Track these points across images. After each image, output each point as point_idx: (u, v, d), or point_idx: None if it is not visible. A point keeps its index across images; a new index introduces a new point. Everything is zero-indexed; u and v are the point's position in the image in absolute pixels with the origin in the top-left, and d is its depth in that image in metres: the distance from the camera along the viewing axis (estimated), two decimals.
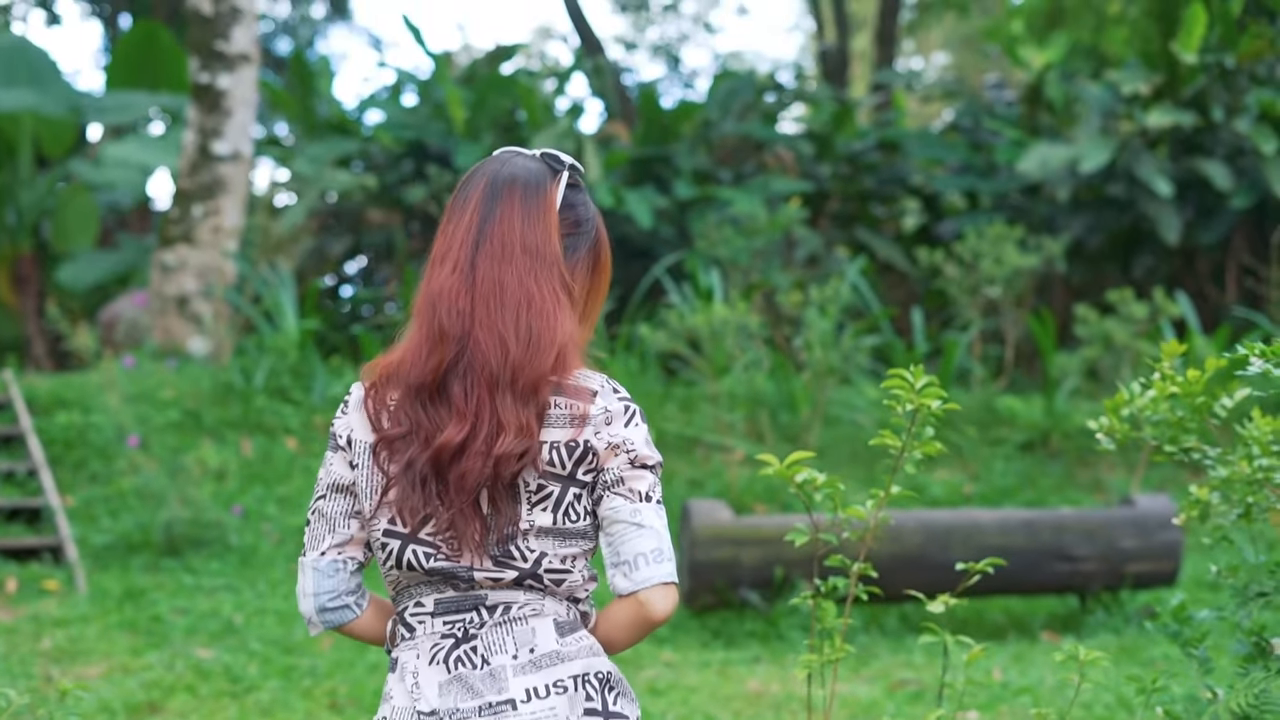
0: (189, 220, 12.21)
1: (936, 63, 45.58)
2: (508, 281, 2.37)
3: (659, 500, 2.42)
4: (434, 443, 2.33)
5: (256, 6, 12.57)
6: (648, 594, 2.37)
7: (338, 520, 2.45)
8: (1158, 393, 3.72)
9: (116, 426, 9.33)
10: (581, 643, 2.39)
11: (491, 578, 2.35)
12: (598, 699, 2.36)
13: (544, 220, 2.42)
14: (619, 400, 2.39)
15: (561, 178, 2.47)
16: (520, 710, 2.32)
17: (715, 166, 14.82)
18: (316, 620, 2.48)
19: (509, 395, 2.32)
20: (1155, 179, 12.53)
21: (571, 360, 2.38)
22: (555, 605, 2.39)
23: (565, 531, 2.37)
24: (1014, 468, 10.15)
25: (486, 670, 2.35)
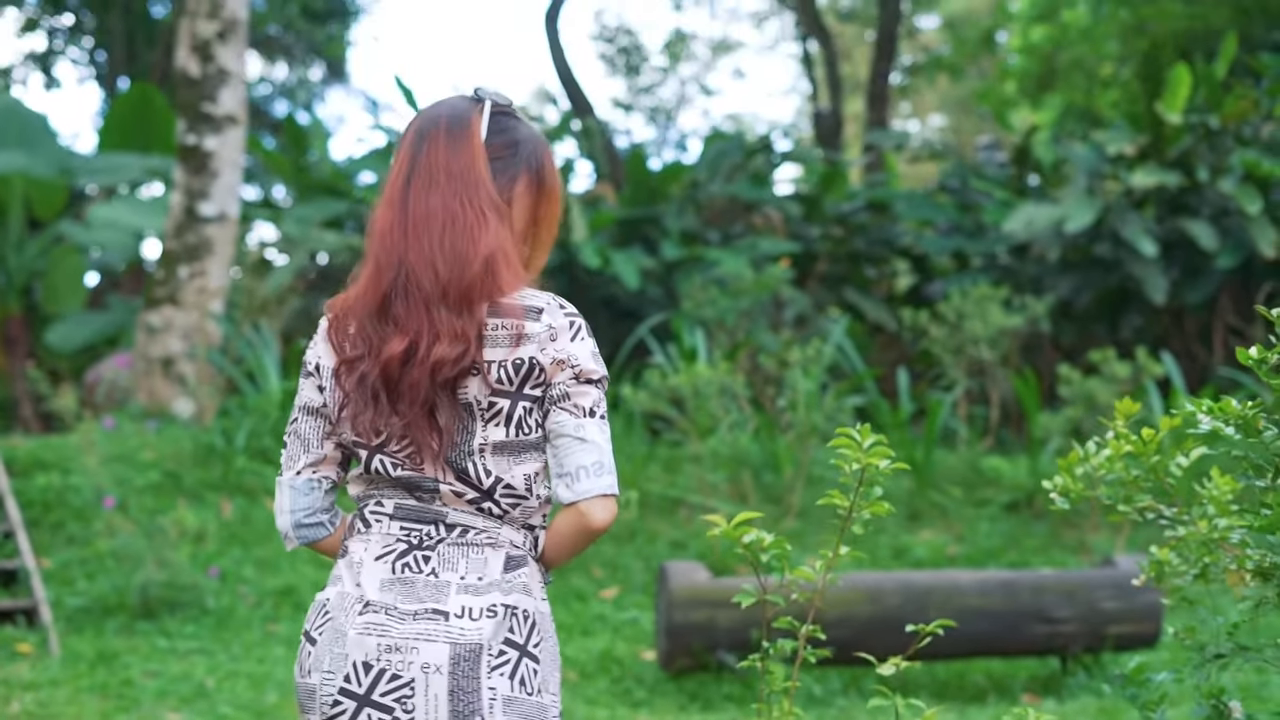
0: (175, 281, 12.21)
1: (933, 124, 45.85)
2: (434, 206, 2.54)
3: (603, 415, 2.55)
4: (381, 358, 2.50)
5: (244, 69, 12.61)
6: (588, 504, 2.51)
7: (312, 441, 2.63)
8: (1113, 451, 3.70)
9: (95, 488, 9.29)
10: (520, 579, 2.52)
11: (455, 491, 2.51)
12: (520, 634, 2.49)
13: (468, 146, 2.58)
14: (565, 316, 2.54)
15: (485, 106, 2.64)
16: (450, 622, 2.45)
17: (703, 227, 14.85)
18: (292, 535, 2.66)
19: (442, 308, 2.48)
20: (1140, 239, 12.54)
21: (501, 271, 2.53)
22: (511, 533, 2.54)
23: (519, 445, 2.51)
24: (999, 528, 10.10)
25: (433, 580, 2.49)
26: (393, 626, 2.47)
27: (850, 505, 3.42)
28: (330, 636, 2.51)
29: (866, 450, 3.37)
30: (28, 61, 29.43)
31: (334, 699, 2.49)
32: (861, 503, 3.42)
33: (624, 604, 8.80)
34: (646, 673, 7.68)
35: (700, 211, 15.09)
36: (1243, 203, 12.47)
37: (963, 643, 7.55)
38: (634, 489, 10.00)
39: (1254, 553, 3.47)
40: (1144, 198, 13.53)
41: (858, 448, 3.37)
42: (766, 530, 3.47)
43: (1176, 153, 13.44)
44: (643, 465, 10.33)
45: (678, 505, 10.24)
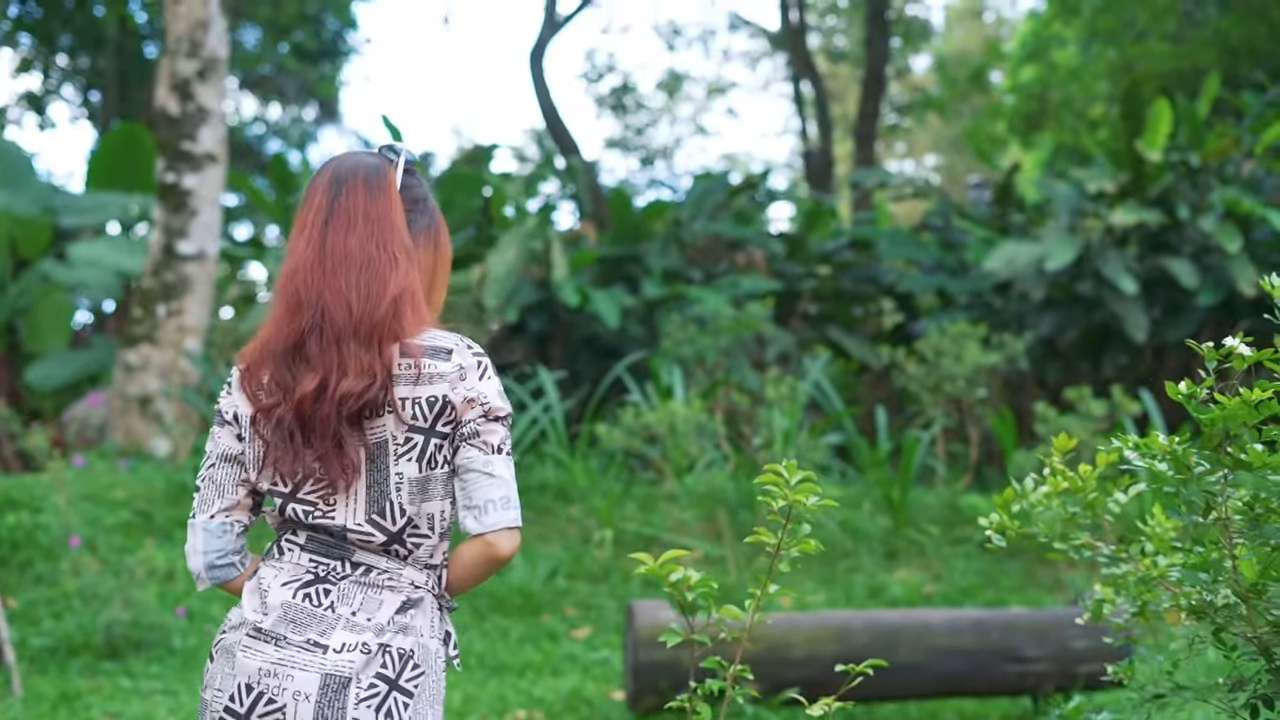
0: (153, 320, 12.18)
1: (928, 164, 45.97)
2: (352, 247, 2.70)
3: (508, 452, 2.72)
4: (295, 397, 2.65)
5: (224, 108, 12.61)
6: (495, 536, 2.69)
7: (226, 486, 2.76)
8: (1050, 489, 3.66)
9: (64, 527, 9.23)
10: (401, 622, 2.67)
11: (362, 538, 2.68)
12: (393, 669, 2.63)
13: (386, 195, 2.76)
14: (473, 356, 2.71)
15: (399, 163, 2.82)
16: (327, 655, 2.61)
17: (686, 266, 14.85)
18: (205, 576, 2.80)
19: (352, 343, 2.64)
20: (1121, 277, 12.52)
21: (407, 312, 2.70)
22: (414, 574, 2.72)
23: (429, 481, 2.68)
24: (975, 567, 10.04)
25: (326, 614, 2.67)
26: (274, 653, 2.63)
27: (778, 543, 3.37)
28: (224, 658, 2.69)
29: (794, 487, 3.32)
30: (21, 101, 29.52)
31: (220, 716, 2.66)
32: (789, 540, 3.37)
33: (595, 644, 8.74)
34: (614, 713, 7.61)
35: (683, 250, 15.08)
36: (1223, 241, 12.45)
37: (933, 682, 7.50)
38: (609, 528, 9.96)
39: (1189, 590, 3.43)
40: (1125, 235, 13.52)
41: (784, 484, 3.33)
42: (739, 568, 3.43)
43: (1157, 191, 13.43)
44: (617, 503, 10.29)
45: (652, 544, 10.18)
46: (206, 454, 2.81)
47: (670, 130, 33.95)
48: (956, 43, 40.62)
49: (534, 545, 10.04)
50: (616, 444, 10.22)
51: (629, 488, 10.61)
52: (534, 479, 10.78)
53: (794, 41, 25.28)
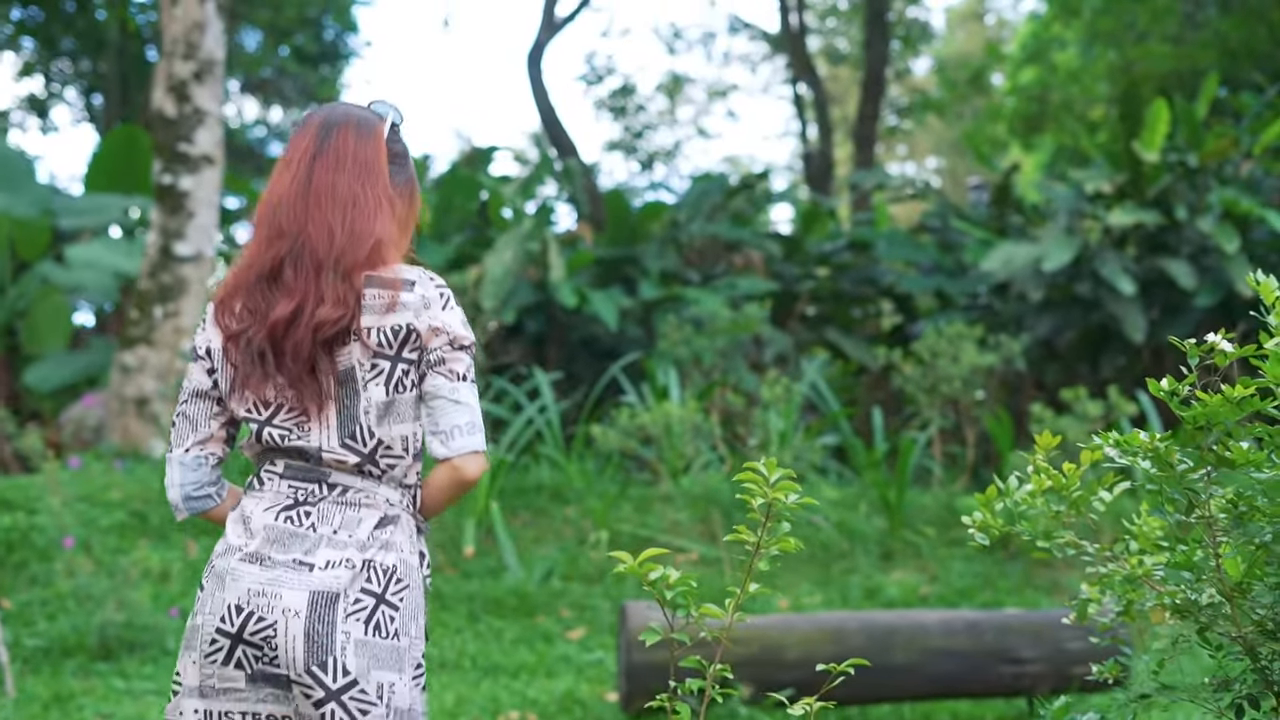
0: (149, 321, 12.17)
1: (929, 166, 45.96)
2: (339, 185, 2.82)
3: (473, 380, 2.84)
4: (268, 321, 2.76)
5: (221, 110, 12.61)
6: (461, 460, 2.82)
7: (200, 420, 2.88)
8: (1035, 486, 3.64)
9: (59, 528, 9.22)
10: (381, 538, 2.78)
11: (337, 459, 2.79)
12: (378, 584, 2.75)
13: (375, 143, 2.88)
14: (435, 288, 2.82)
15: (388, 118, 2.94)
16: (313, 573, 2.72)
17: (683, 267, 14.83)
18: (182, 507, 2.92)
19: (331, 274, 2.75)
20: (1119, 278, 12.51)
21: (387, 254, 2.83)
22: (388, 491, 2.83)
23: (396, 405, 2.79)
24: (972, 569, 10.02)
25: (309, 534, 2.77)
26: (262, 574, 2.74)
27: (757, 541, 3.34)
28: (214, 583, 2.78)
29: (773, 485, 3.29)
30: (23, 105, 29.54)
31: (211, 637, 2.75)
32: (768, 539, 3.34)
33: (590, 645, 8.72)
34: (608, 714, 7.59)
35: (681, 251, 15.07)
36: (1221, 241, 12.43)
37: (928, 684, 7.48)
38: (604, 529, 9.94)
39: (1173, 589, 3.41)
40: (1124, 236, 13.50)
41: (764, 482, 3.30)
42: (735, 570, 3.43)
43: (1155, 191, 13.42)
44: (613, 505, 10.27)
45: (648, 545, 10.13)
46: (181, 390, 2.92)
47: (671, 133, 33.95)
48: (958, 45, 40.61)
49: (529, 547, 10.02)
50: (611, 445, 10.20)
51: (625, 489, 10.60)
52: (529, 480, 10.76)
53: (794, 44, 25.27)
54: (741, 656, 6.93)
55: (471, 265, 13.44)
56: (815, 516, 10.40)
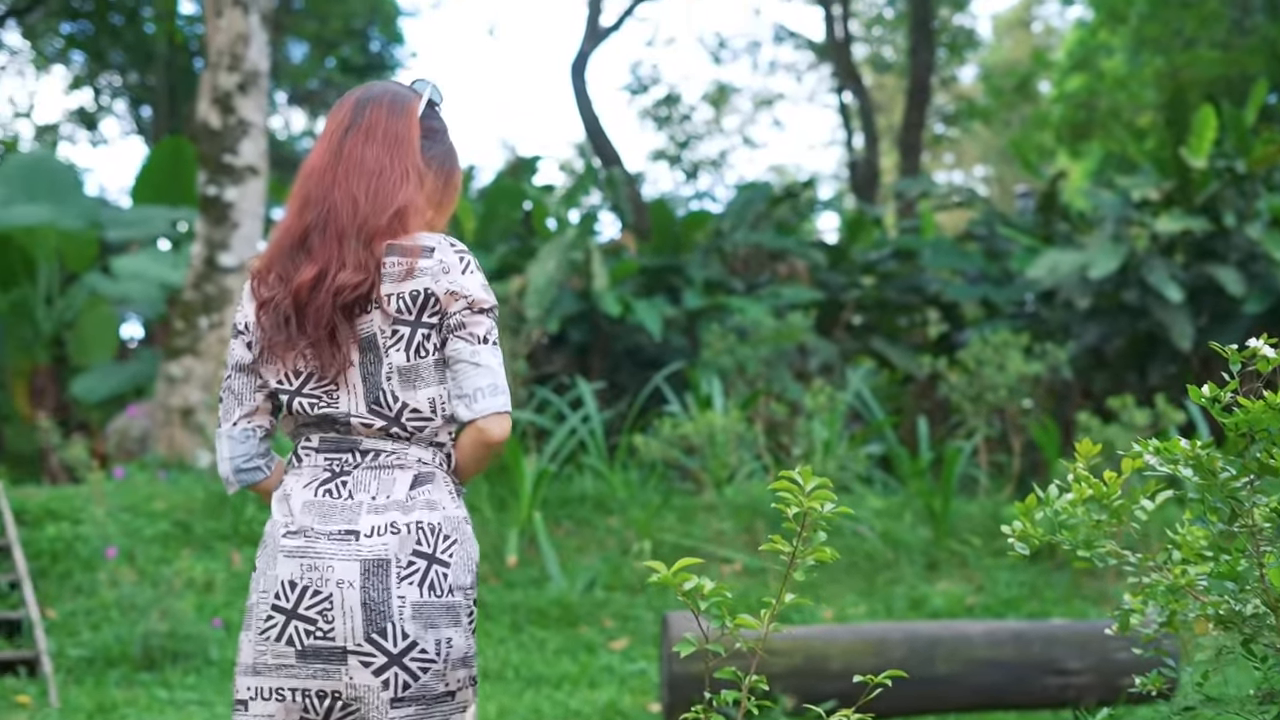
0: (195, 331, 12.23)
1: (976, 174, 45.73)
2: (367, 156, 2.87)
3: (494, 342, 2.87)
4: (293, 285, 2.81)
5: (265, 121, 12.65)
6: (485, 422, 2.84)
7: (244, 394, 2.93)
8: (1075, 495, 3.59)
9: (103, 539, 9.26)
10: (422, 497, 2.82)
11: (364, 423, 2.83)
12: (428, 544, 2.79)
13: (407, 117, 2.94)
14: (455, 252, 2.85)
15: (424, 95, 3.01)
16: (361, 541, 2.77)
17: (728, 276, 14.79)
18: (233, 480, 2.97)
19: (353, 241, 2.81)
20: (1166, 285, 12.40)
21: (410, 223, 2.87)
22: (419, 451, 2.86)
23: (418, 369, 2.82)
24: (1019, 578, 9.94)
25: (348, 503, 2.80)
26: (311, 547, 2.78)
27: (793, 552, 3.30)
28: (265, 561, 2.83)
29: (809, 493, 3.24)
30: (74, 118, 29.80)
31: (267, 614, 2.80)
32: (804, 549, 3.29)
33: (633, 655, 8.69)
34: None
35: (725, 260, 15.03)
36: (1270, 248, 12.31)
37: (972, 695, 7.40)
38: (647, 539, 9.91)
39: (1216, 600, 3.35)
40: (1171, 243, 13.38)
41: (799, 491, 3.25)
42: (777, 580, 3.39)
43: (1203, 198, 13.29)
44: (656, 514, 10.24)
45: (691, 555, 10.12)
46: (226, 368, 2.97)
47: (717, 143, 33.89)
48: (1004, 53, 40.41)
49: (572, 557, 10.01)
50: (654, 455, 10.17)
51: (668, 499, 10.56)
52: (573, 490, 10.74)
53: (839, 53, 25.22)
54: (784, 667, 6.88)
55: (515, 275, 13.43)
56: (860, 526, 10.35)
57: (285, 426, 2.94)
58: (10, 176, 16.21)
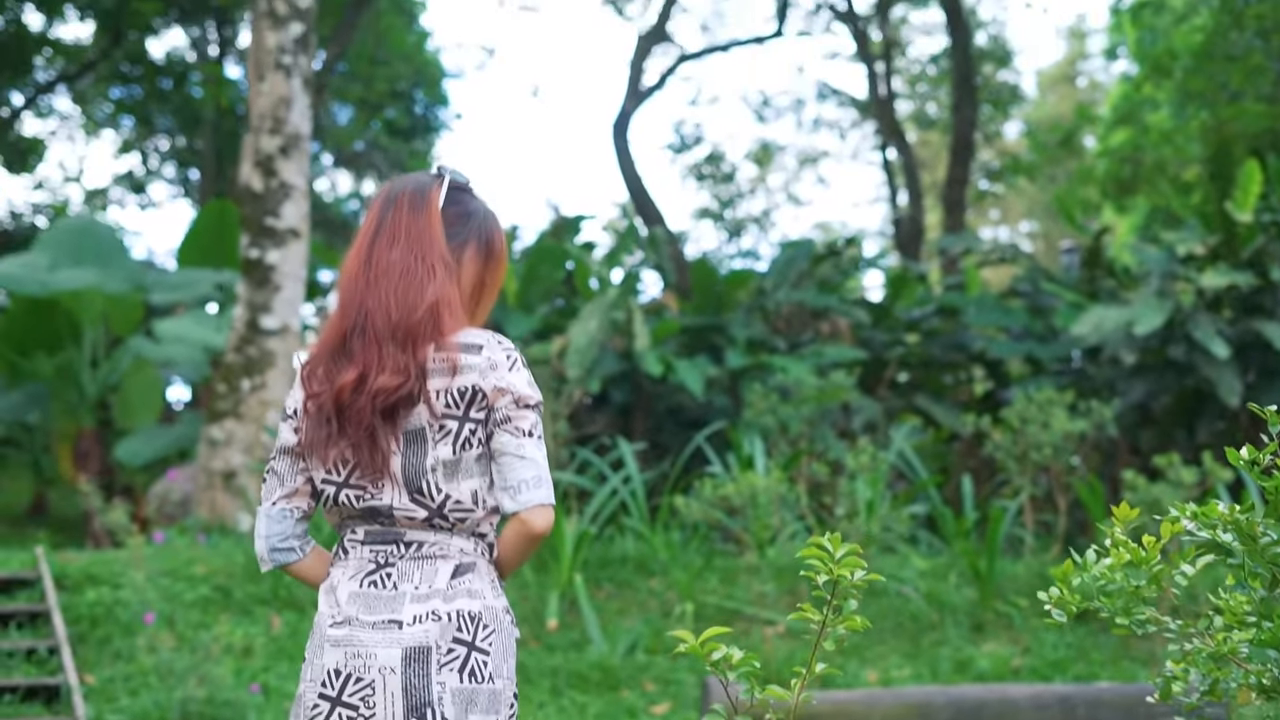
0: (237, 395, 12.25)
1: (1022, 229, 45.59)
2: (394, 260, 2.97)
3: (539, 436, 2.95)
4: (335, 387, 2.92)
5: (306, 183, 12.71)
6: (528, 513, 2.92)
7: (286, 476, 3.02)
8: (1113, 561, 3.51)
9: (142, 603, 9.24)
10: (463, 586, 2.91)
11: (408, 515, 2.91)
12: (467, 632, 2.87)
13: (427, 213, 3.02)
14: (502, 350, 2.96)
15: (444, 181, 3.08)
16: (403, 629, 2.86)
17: (771, 335, 14.73)
18: (267, 558, 3.03)
19: (391, 345, 2.92)
20: (1212, 341, 12.26)
21: (444, 317, 2.95)
22: (461, 542, 2.94)
23: (464, 462, 2.91)
24: (1065, 640, 9.79)
25: (393, 593, 2.89)
26: (356, 636, 2.87)
27: (822, 620, 3.22)
28: (313, 650, 2.94)
29: (838, 561, 3.17)
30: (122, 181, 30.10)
31: (314, 702, 2.90)
32: (834, 618, 3.22)
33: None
34: None
35: (768, 319, 14.97)
36: None
37: None
38: (689, 601, 9.82)
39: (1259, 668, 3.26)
40: (1218, 298, 13.25)
41: (829, 558, 3.18)
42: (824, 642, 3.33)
43: (1249, 252, 13.17)
44: (698, 576, 10.15)
45: (734, 617, 10.03)
46: (274, 450, 3.07)
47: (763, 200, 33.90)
48: (1049, 108, 40.34)
49: (614, 619, 9.92)
50: (696, 516, 10.09)
51: (710, 560, 10.47)
52: (614, 552, 10.67)
53: (882, 110, 25.22)
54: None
55: (556, 335, 13.42)
56: (904, 587, 10.23)
57: (331, 519, 3.02)
58: (57, 241, 16.35)
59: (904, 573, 10.55)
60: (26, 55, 26.68)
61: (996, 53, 26.97)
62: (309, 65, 12.89)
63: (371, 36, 26.31)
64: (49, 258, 15.68)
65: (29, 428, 16.63)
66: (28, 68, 27.20)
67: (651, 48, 19.98)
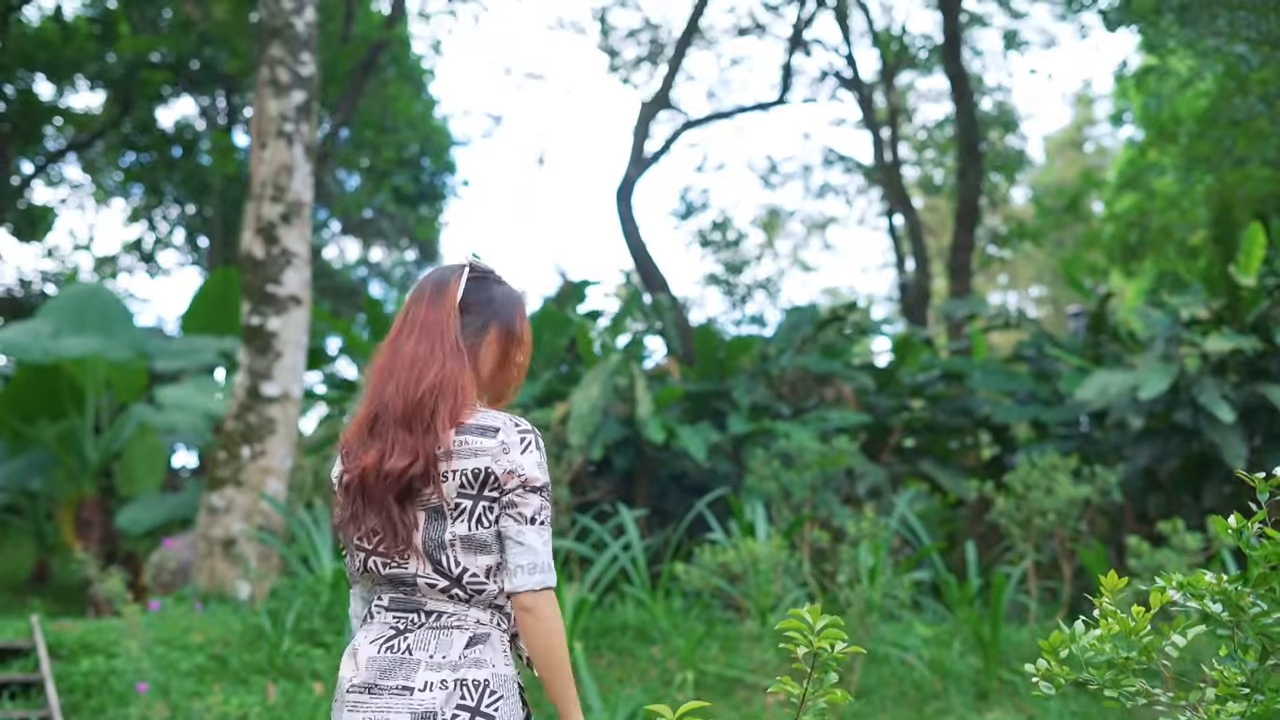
0: (237, 461, 12.19)
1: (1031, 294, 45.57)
2: (409, 352, 3.23)
3: (542, 521, 3.15)
4: (358, 467, 3.18)
5: (307, 250, 12.69)
6: (521, 597, 3.10)
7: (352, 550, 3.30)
8: (1103, 631, 3.44)
9: (137, 673, 9.15)
10: (472, 656, 3.09)
11: (429, 583, 3.12)
12: (471, 699, 3.04)
13: (443, 304, 3.26)
14: (518, 433, 3.16)
15: (463, 273, 3.31)
16: (413, 695, 3.05)
17: (774, 400, 14.66)
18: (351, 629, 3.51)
19: (401, 429, 3.16)
20: (1217, 405, 12.18)
21: (448, 399, 3.17)
22: (479, 613, 3.13)
23: (478, 539, 3.12)
24: (1070, 708, 9.67)
25: (408, 659, 3.10)
26: (369, 701, 3.09)
27: (802, 694, 3.17)
28: (335, 713, 3.17)
29: (818, 633, 3.12)
30: (132, 250, 30.19)
31: None
32: (815, 690, 3.16)
33: None
34: None
35: (772, 384, 14.91)
36: None
37: None
38: (690, 669, 9.72)
39: None
40: (1223, 362, 13.18)
41: (808, 630, 3.13)
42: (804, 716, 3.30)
43: (1254, 316, 13.11)
44: (699, 644, 10.05)
45: (735, 685, 9.93)
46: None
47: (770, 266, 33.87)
48: (1056, 173, 40.42)
49: (614, 688, 9.82)
50: (696, 584, 10.01)
51: (711, 628, 10.37)
52: (614, 619, 10.57)
53: (887, 176, 25.24)
54: None
55: (559, 401, 13.36)
56: (907, 655, 10.12)
57: (364, 582, 3.28)
58: (60, 308, 16.36)
59: (907, 640, 10.45)
60: (37, 124, 26.83)
61: (1002, 118, 26.98)
62: (311, 133, 12.91)
63: (378, 104, 26.41)
64: (53, 325, 15.68)
65: (32, 495, 16.57)
66: (38, 136, 27.34)
67: (655, 114, 20.04)
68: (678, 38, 21.58)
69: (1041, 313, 42.70)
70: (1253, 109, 18.82)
